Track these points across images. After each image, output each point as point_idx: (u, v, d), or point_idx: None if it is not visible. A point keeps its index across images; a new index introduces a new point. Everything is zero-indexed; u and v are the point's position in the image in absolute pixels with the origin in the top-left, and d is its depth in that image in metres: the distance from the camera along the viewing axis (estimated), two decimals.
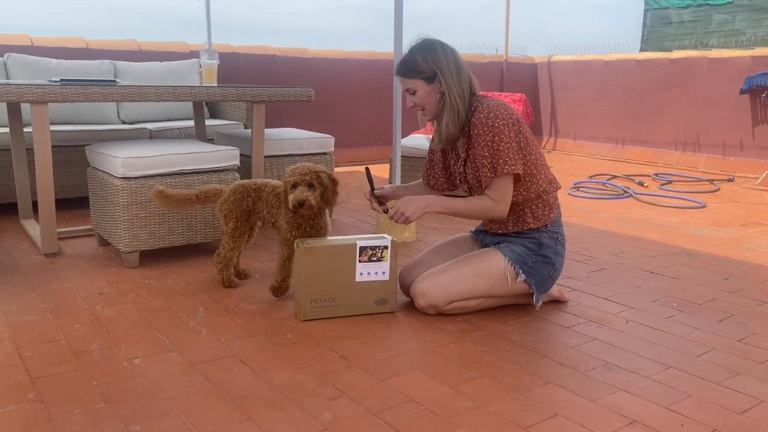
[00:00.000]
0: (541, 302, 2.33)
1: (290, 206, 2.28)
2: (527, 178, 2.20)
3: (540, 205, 2.27)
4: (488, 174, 2.15)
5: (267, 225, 2.56)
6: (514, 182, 2.20)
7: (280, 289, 2.44)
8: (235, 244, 2.54)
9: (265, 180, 2.56)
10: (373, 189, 2.33)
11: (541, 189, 2.25)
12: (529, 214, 2.27)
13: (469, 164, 2.27)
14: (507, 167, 2.12)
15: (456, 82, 2.17)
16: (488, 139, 2.12)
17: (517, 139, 2.14)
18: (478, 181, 2.24)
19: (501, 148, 2.11)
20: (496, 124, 2.11)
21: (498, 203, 2.17)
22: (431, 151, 2.46)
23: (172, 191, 2.59)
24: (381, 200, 2.33)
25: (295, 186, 2.27)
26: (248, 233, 2.61)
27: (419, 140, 4.33)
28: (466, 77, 2.20)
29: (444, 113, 2.20)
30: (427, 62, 2.15)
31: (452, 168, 2.40)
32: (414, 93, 2.21)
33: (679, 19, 9.74)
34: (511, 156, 2.12)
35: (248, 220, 2.56)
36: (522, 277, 2.25)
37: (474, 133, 2.17)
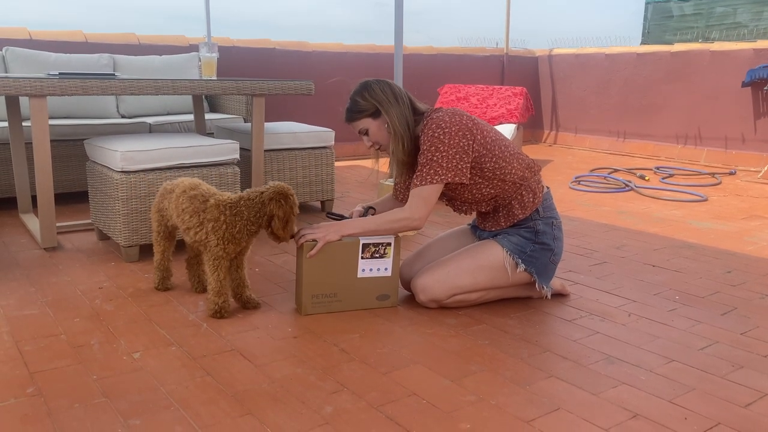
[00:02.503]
0: (550, 291, 2.33)
1: (288, 237, 2.11)
2: (498, 172, 2.21)
3: (523, 193, 2.26)
4: (415, 182, 2.18)
5: (183, 233, 2.24)
6: (484, 179, 2.21)
7: (222, 312, 2.17)
8: (158, 248, 2.37)
9: (181, 179, 2.27)
10: (334, 214, 2.39)
11: (518, 177, 2.25)
12: (517, 206, 2.27)
13: None
14: (436, 177, 2.13)
15: (396, 109, 2.23)
16: (425, 148, 2.17)
17: (460, 144, 2.14)
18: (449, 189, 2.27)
19: (435, 157, 2.14)
20: (436, 134, 2.15)
21: (413, 213, 2.16)
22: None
23: None
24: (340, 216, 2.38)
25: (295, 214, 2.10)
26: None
27: None
28: (404, 100, 2.26)
29: (391, 142, 2.26)
30: (365, 99, 2.24)
31: None
32: (367, 132, 2.28)
33: (681, 12, 9.70)
34: (444, 165, 2.13)
35: (168, 225, 2.32)
36: (522, 267, 2.24)
37: (420, 144, 2.20)
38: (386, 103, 2.22)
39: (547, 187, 2.38)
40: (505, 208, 2.30)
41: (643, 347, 2.01)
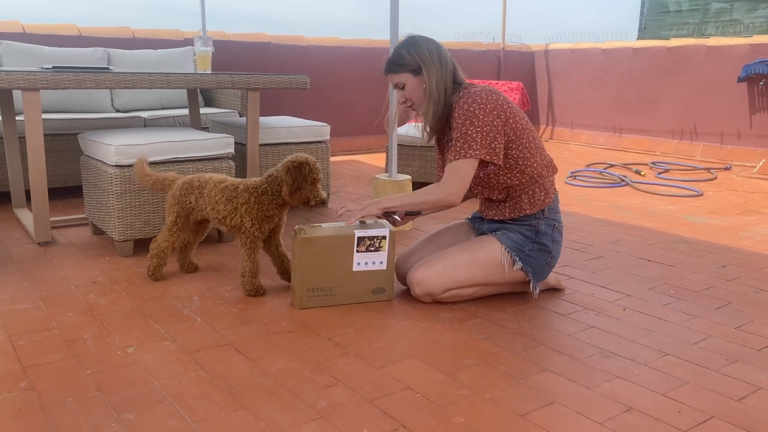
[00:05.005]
0: (538, 290, 2.32)
1: (314, 203, 2.26)
2: (520, 162, 2.20)
3: (536, 189, 2.26)
4: (449, 157, 2.16)
5: (215, 223, 2.40)
6: (505, 167, 2.20)
7: (260, 290, 2.34)
8: (170, 237, 2.46)
9: (209, 175, 2.44)
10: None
11: (536, 172, 2.24)
12: (526, 200, 2.26)
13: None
14: (470, 152, 2.10)
15: (438, 72, 2.21)
16: (460, 122, 2.14)
17: (495, 124, 2.12)
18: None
19: (469, 132, 2.11)
20: (471, 108, 2.13)
21: (447, 188, 2.13)
22: (436, 150, 2.45)
23: (146, 170, 2.52)
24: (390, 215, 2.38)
25: (315, 182, 2.24)
26: (196, 230, 2.56)
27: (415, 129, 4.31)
28: (448, 66, 2.24)
29: (424, 104, 2.24)
30: (411, 54, 2.21)
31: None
32: (403, 87, 2.26)
33: (677, 8, 9.70)
34: (478, 141, 2.10)
35: (189, 218, 2.46)
36: (519, 264, 2.24)
37: (453, 118, 2.18)
38: (430, 63, 2.20)
39: (557, 192, 2.37)
40: (514, 200, 2.28)
41: (638, 341, 2.01)
